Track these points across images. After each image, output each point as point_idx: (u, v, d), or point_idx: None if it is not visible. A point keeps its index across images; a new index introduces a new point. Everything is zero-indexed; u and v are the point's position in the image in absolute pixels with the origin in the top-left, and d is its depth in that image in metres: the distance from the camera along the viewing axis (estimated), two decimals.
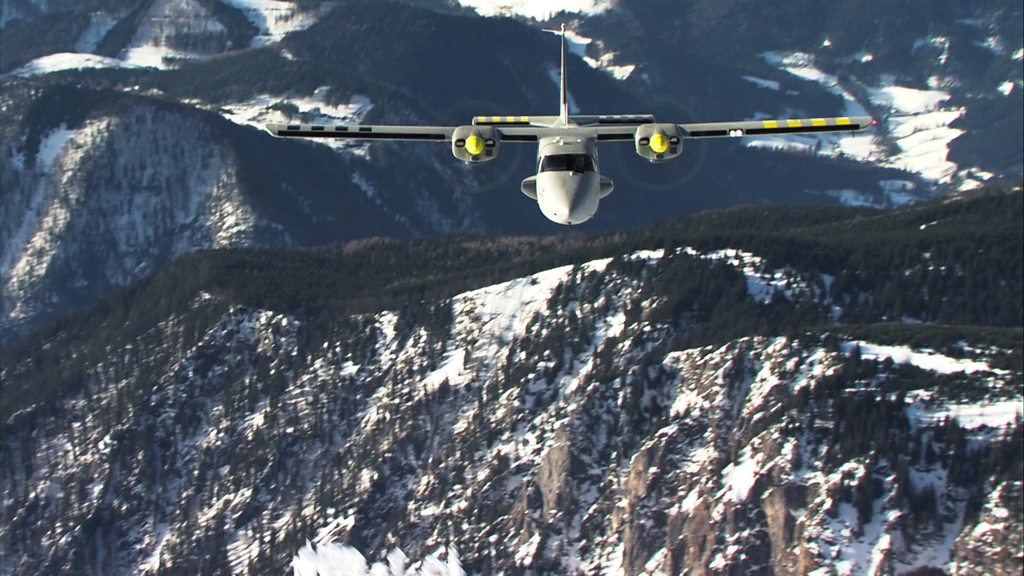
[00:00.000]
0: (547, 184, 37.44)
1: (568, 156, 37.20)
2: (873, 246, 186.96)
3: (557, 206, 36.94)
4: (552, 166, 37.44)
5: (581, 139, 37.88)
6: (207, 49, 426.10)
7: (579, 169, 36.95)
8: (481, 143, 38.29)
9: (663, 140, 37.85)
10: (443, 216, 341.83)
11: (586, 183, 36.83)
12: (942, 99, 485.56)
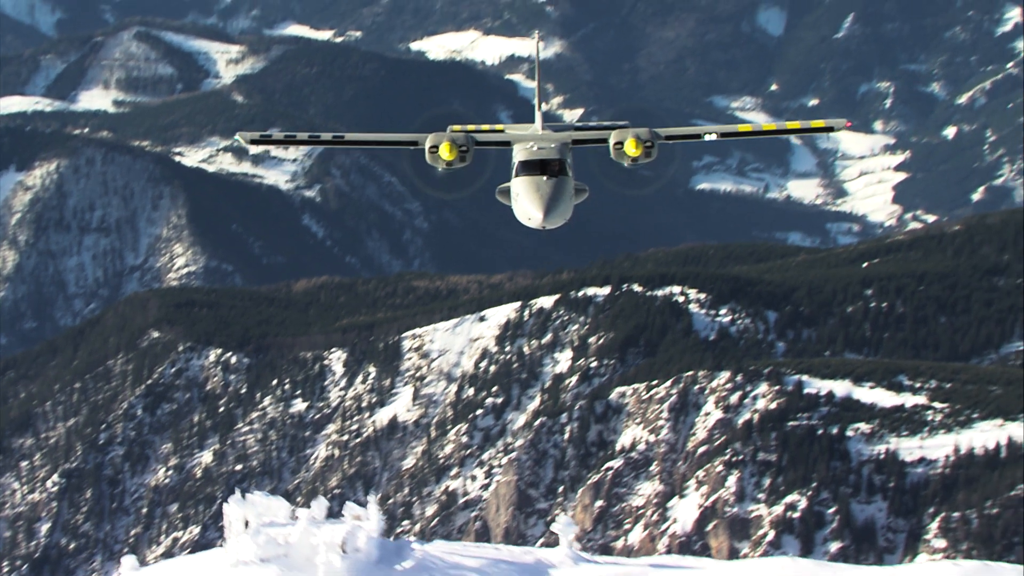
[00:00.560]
0: (521, 189, 37.24)
1: (542, 161, 37.30)
2: (816, 283, 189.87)
3: (531, 211, 36.84)
4: (526, 171, 37.36)
5: (555, 144, 38.16)
6: (157, 92, 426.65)
7: (553, 174, 37.11)
8: (455, 149, 38.14)
9: (637, 144, 37.61)
10: (393, 257, 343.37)
11: (560, 188, 37.06)
12: (887, 143, 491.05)
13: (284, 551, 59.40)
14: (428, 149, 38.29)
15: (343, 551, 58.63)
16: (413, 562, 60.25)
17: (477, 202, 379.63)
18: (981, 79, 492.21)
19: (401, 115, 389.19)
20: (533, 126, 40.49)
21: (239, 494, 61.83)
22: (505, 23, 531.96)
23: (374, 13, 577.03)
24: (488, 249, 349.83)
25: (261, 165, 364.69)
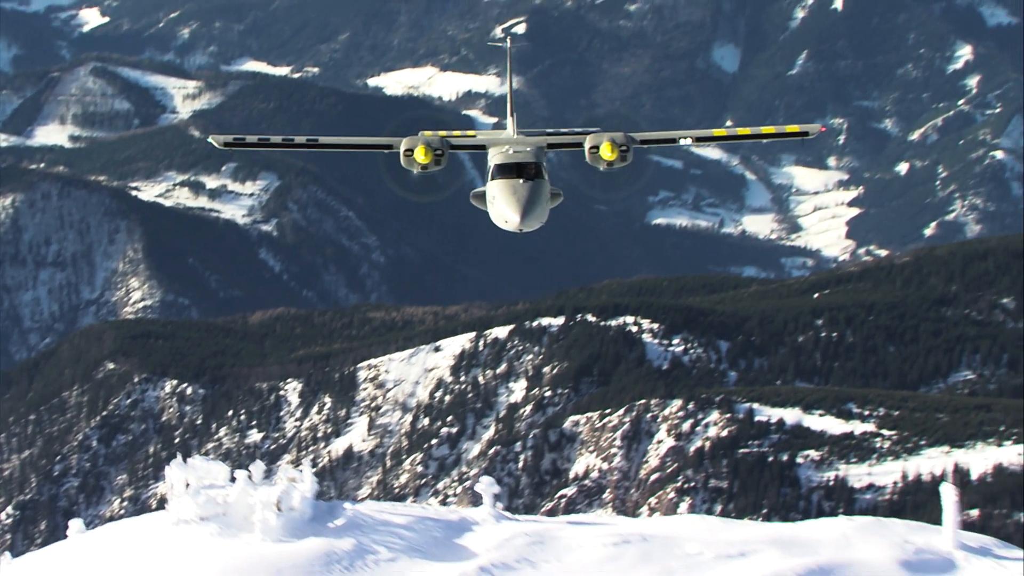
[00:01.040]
0: (497, 192, 36.83)
1: (518, 164, 36.99)
2: (768, 313, 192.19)
3: (508, 214, 36.42)
4: (502, 174, 36.96)
5: (531, 147, 37.95)
6: (114, 127, 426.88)
7: (530, 177, 36.74)
8: (430, 152, 37.64)
9: (613, 148, 37.31)
10: (351, 291, 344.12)
11: (537, 191, 36.68)
12: (841, 178, 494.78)
13: (223, 510, 63.40)
14: (403, 152, 38.21)
15: (278, 510, 62.21)
16: (344, 520, 63.70)
17: (435, 237, 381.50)
18: (933, 116, 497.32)
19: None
20: (507, 131, 40.84)
21: (180, 458, 65.92)
22: (462, 59, 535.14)
23: (331, 49, 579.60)
24: (445, 283, 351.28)
25: (218, 200, 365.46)
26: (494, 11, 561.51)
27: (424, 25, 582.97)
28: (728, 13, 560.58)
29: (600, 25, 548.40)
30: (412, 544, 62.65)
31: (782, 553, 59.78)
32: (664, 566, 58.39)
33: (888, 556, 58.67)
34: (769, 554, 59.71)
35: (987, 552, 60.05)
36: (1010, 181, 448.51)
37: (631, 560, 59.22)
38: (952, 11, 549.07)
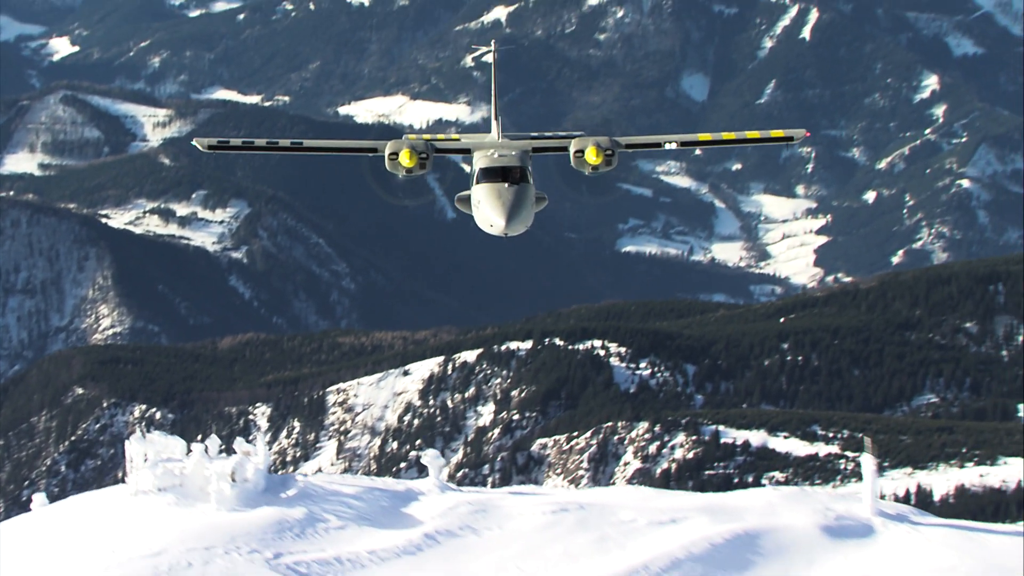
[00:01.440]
0: (482, 196, 36.73)
1: (503, 168, 36.87)
2: (734, 337, 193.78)
3: (493, 218, 36.33)
4: (487, 178, 36.83)
5: (516, 151, 37.87)
6: (84, 155, 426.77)
7: (515, 181, 36.68)
8: (415, 156, 37.61)
9: (598, 152, 37.66)
10: (320, 317, 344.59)
11: (522, 195, 36.61)
12: (809, 207, 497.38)
13: (179, 481, 67.46)
14: (388, 156, 38.10)
15: (232, 481, 66.14)
16: (296, 490, 67.63)
17: (405, 264, 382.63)
18: (900, 145, 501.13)
19: (328, 176, 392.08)
20: (491, 135, 40.68)
21: (139, 433, 70.90)
22: (432, 88, 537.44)
23: (302, 78, 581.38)
24: (415, 310, 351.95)
25: (188, 227, 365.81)
26: (464, 40, 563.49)
27: (395, 54, 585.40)
28: (697, 42, 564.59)
29: (570, 54, 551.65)
30: (361, 513, 65.88)
31: (711, 520, 63.31)
32: (600, 532, 61.57)
33: (810, 522, 62.45)
34: (699, 521, 63.22)
35: (904, 519, 63.86)
36: (976, 209, 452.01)
37: (569, 527, 62.44)
38: (919, 41, 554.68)
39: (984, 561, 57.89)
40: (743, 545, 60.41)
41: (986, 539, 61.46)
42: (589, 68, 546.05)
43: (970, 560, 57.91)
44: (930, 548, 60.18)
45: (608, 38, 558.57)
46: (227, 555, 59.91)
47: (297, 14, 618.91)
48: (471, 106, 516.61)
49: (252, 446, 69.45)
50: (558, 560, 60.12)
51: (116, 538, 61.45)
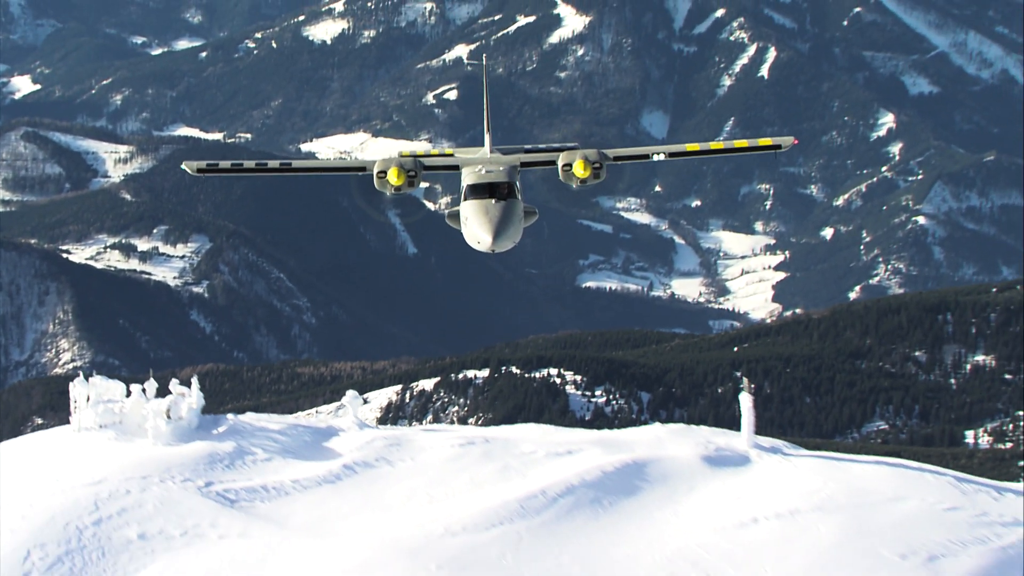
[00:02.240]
0: (470, 213, 36.56)
1: (490, 184, 36.70)
2: (688, 366, 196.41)
3: (480, 234, 36.11)
4: (474, 194, 36.68)
5: (504, 167, 37.71)
6: (45, 191, 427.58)
7: (502, 197, 36.48)
8: (403, 174, 37.62)
9: (586, 166, 37.38)
10: (282, 351, 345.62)
11: (509, 210, 36.41)
12: (768, 243, 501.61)
13: (119, 419, 74.55)
14: (376, 174, 37.99)
15: (168, 418, 72.93)
16: (226, 427, 74.49)
17: (365, 298, 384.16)
18: (857, 182, 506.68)
19: (289, 212, 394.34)
20: (482, 149, 40.49)
21: (83, 376, 77.96)
22: (394, 125, 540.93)
23: (264, 115, 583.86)
24: (376, 344, 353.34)
25: (149, 262, 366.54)
26: (426, 78, 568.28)
27: (356, 92, 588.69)
28: (657, 80, 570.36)
29: (531, 92, 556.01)
30: (285, 447, 71.91)
31: (603, 451, 69.50)
32: (503, 463, 67.22)
33: (692, 453, 69.51)
34: (592, 452, 69.45)
35: (777, 451, 71.65)
36: (932, 245, 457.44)
37: (474, 458, 68.33)
38: (875, 80, 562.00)
39: (845, 483, 64.21)
40: (631, 473, 66.01)
41: (849, 467, 68.07)
42: (550, 105, 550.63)
43: (832, 483, 64.23)
44: (798, 474, 66.56)
45: (569, 76, 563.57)
46: (162, 483, 64.60)
47: (259, 52, 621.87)
48: (433, 143, 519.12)
49: (187, 389, 75.37)
50: (464, 487, 65.26)
51: (61, 469, 66.42)
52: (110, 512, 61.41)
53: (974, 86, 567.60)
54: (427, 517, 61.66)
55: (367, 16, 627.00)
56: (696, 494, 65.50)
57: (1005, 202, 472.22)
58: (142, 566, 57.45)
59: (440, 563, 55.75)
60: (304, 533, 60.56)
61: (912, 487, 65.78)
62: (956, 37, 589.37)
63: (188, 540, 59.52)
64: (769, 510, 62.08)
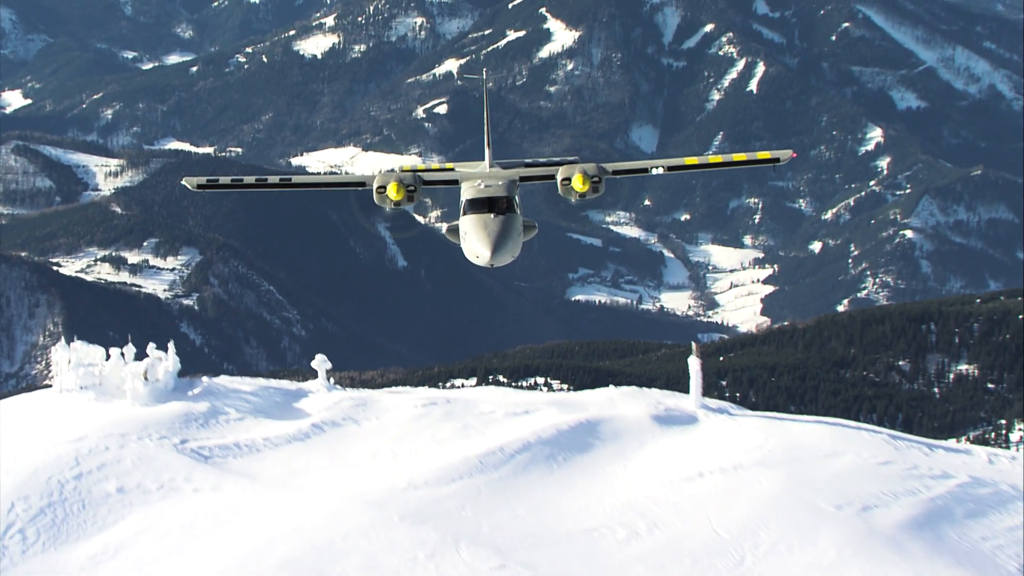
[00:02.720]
0: (469, 227, 36.30)
1: (489, 199, 36.45)
2: (674, 375, 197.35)
3: (479, 249, 35.87)
4: (473, 209, 36.44)
5: (503, 181, 37.56)
6: (35, 204, 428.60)
7: (501, 211, 36.26)
8: (402, 189, 37.16)
9: (585, 180, 37.06)
10: (271, 363, 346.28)
11: (508, 225, 36.20)
12: (756, 257, 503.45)
13: (99, 381, 79.41)
14: (376, 189, 37.55)
15: (145, 379, 77.71)
16: (201, 389, 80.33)
17: (356, 311, 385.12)
18: (845, 196, 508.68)
19: (279, 225, 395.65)
20: (482, 163, 40.30)
21: (63, 341, 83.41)
22: (384, 139, 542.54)
23: (254, 130, 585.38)
24: (366, 356, 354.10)
25: (139, 275, 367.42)
26: (416, 92, 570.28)
27: (347, 106, 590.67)
28: (646, 95, 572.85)
29: (521, 106, 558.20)
30: (257, 407, 77.14)
31: (559, 411, 73.98)
32: (463, 422, 71.98)
33: (643, 412, 73.81)
34: (548, 412, 73.98)
35: (724, 411, 75.82)
36: (919, 259, 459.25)
37: (436, 417, 73.25)
38: (863, 95, 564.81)
39: (785, 440, 68.30)
40: (585, 431, 70.20)
41: (790, 426, 72.46)
42: (540, 119, 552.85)
43: (774, 440, 68.26)
44: (742, 432, 70.58)
45: (558, 90, 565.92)
46: (139, 441, 68.36)
47: (250, 67, 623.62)
48: (422, 157, 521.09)
49: (163, 352, 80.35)
50: (426, 445, 69.35)
51: (44, 428, 70.46)
52: (90, 467, 64.94)
53: (962, 101, 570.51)
54: (391, 472, 65.20)
55: (357, 31, 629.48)
56: (645, 450, 69.20)
57: (992, 216, 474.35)
58: (120, 518, 60.30)
59: (403, 514, 58.68)
60: (274, 487, 63.81)
61: (848, 443, 69.77)
62: (944, 52, 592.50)
63: (164, 493, 62.88)
64: (714, 465, 65.73)
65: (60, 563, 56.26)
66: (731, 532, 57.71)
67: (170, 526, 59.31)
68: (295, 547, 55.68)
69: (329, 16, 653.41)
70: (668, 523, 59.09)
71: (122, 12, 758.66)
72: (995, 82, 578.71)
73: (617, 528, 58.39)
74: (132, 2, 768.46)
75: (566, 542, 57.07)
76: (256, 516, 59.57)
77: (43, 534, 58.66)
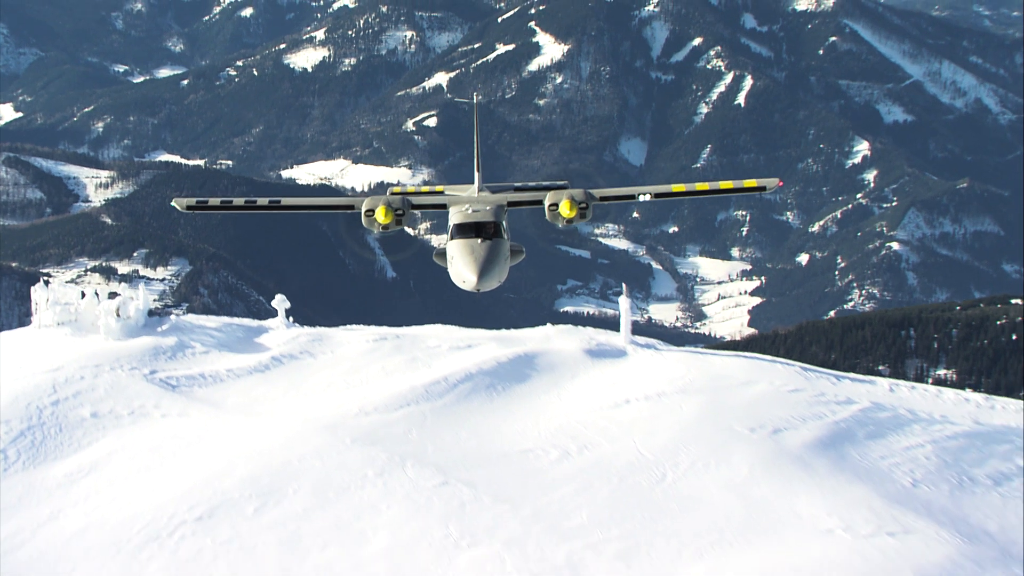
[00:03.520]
0: (456, 252, 35.97)
1: (476, 224, 36.29)
2: None
3: (465, 274, 35.53)
4: (460, 234, 36.19)
5: (490, 206, 37.32)
6: (26, 215, 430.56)
7: (487, 236, 36.03)
8: (391, 213, 37.10)
9: (572, 206, 37.19)
10: None
11: (494, 250, 35.94)
12: (744, 269, 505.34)
13: (75, 317, 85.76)
14: (364, 213, 37.45)
15: (117, 316, 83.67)
16: (169, 325, 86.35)
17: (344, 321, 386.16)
18: (832, 208, 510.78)
19: (269, 235, 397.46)
20: (471, 186, 40.26)
21: (42, 283, 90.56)
22: (374, 151, 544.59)
23: (245, 143, 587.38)
24: None
25: (129, 285, 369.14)
26: (405, 105, 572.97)
27: (337, 119, 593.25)
28: (635, 108, 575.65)
29: (510, 119, 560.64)
30: (221, 341, 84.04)
31: (499, 345, 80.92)
32: (411, 355, 78.78)
33: (576, 347, 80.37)
34: (489, 346, 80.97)
35: (651, 347, 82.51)
36: (905, 271, 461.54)
37: (386, 351, 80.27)
38: (850, 108, 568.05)
39: (706, 371, 74.44)
40: (523, 363, 76.20)
41: (711, 359, 78.71)
42: (529, 132, 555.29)
43: (695, 371, 74.53)
44: (667, 364, 76.52)
45: (547, 103, 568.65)
46: (112, 371, 74.11)
47: (241, 80, 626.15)
48: (412, 169, 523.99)
49: (135, 292, 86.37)
50: (376, 375, 75.45)
51: (23, 360, 76.09)
52: (66, 395, 70.23)
53: (948, 115, 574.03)
54: (343, 400, 70.53)
55: (348, 44, 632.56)
56: (578, 380, 74.81)
57: (978, 228, 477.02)
58: (94, 440, 65.34)
59: (354, 438, 63.22)
60: (236, 413, 68.77)
61: (762, 373, 75.25)
62: (930, 67, 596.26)
63: (134, 419, 67.95)
64: (640, 393, 70.78)
65: (39, 480, 60.66)
66: (654, 452, 62.05)
67: (140, 448, 63.93)
68: (255, 467, 59.89)
69: (319, 30, 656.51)
70: (597, 445, 63.57)
71: (113, 26, 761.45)
72: (981, 96, 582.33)
73: (550, 449, 62.77)
74: (123, 16, 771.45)
75: (503, 462, 61.32)
76: (219, 439, 64.14)
77: (23, 454, 63.36)
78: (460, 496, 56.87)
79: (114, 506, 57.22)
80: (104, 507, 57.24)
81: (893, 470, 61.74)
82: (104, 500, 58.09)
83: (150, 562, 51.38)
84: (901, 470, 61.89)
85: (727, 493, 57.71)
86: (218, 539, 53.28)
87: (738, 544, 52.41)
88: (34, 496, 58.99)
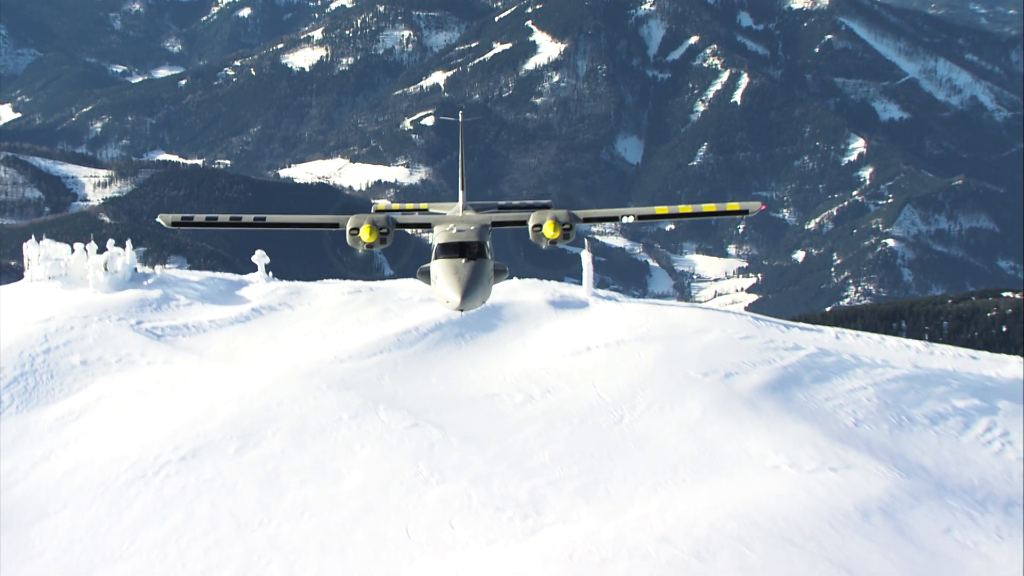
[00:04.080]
0: (439, 272, 35.62)
1: (460, 244, 36.02)
2: None
3: (449, 294, 35.04)
4: (444, 254, 35.86)
5: (475, 226, 37.07)
6: (25, 214, 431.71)
7: (472, 256, 35.74)
8: (375, 232, 37.12)
9: (556, 227, 36.87)
10: None
11: (478, 270, 35.57)
12: (740, 266, 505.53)
13: (65, 271, 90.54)
14: (348, 231, 37.73)
15: (105, 270, 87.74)
16: (154, 279, 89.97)
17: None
18: (828, 206, 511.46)
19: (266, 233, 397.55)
20: (456, 205, 40.72)
21: (34, 239, 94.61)
22: (372, 151, 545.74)
23: (243, 142, 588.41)
24: None
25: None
26: (403, 104, 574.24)
27: (334, 118, 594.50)
28: (631, 107, 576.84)
29: (507, 118, 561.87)
30: (204, 294, 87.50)
31: None
32: (384, 307, 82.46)
33: (540, 298, 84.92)
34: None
35: (611, 299, 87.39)
36: (901, 268, 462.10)
37: (361, 303, 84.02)
38: (846, 106, 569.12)
39: (663, 320, 78.25)
40: (489, 313, 79.74)
41: (668, 310, 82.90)
42: (526, 131, 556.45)
43: (653, 320, 78.36)
44: (626, 315, 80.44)
45: (544, 102, 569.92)
46: (100, 322, 77.68)
47: (238, 80, 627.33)
48: (409, 168, 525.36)
49: (122, 248, 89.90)
50: (351, 325, 78.81)
51: (16, 311, 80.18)
52: (57, 343, 73.89)
53: (943, 112, 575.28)
54: (320, 348, 73.90)
55: (345, 44, 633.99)
56: (541, 330, 78.75)
57: (973, 225, 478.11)
58: (84, 386, 68.81)
59: (330, 383, 66.69)
60: (218, 361, 72.30)
61: (716, 322, 79.29)
62: (926, 64, 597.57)
63: (122, 366, 71.68)
64: (600, 341, 74.55)
65: (32, 423, 64.00)
66: (612, 396, 65.62)
67: (127, 393, 67.45)
68: (236, 411, 63.27)
69: (317, 30, 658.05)
70: (559, 389, 67.16)
71: (111, 27, 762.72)
72: (977, 93, 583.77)
73: (515, 393, 66.42)
74: (121, 17, 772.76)
75: (470, 405, 64.94)
76: (202, 385, 67.70)
77: (16, 399, 66.83)
78: (429, 437, 59.94)
79: (103, 447, 60.18)
80: (93, 448, 60.27)
81: (837, 411, 65.50)
82: (93, 441, 61.13)
83: (137, 499, 54.42)
84: (844, 411, 65.57)
85: (681, 433, 60.98)
86: (201, 477, 56.29)
87: (690, 480, 55.52)
88: (27, 438, 62.09)
